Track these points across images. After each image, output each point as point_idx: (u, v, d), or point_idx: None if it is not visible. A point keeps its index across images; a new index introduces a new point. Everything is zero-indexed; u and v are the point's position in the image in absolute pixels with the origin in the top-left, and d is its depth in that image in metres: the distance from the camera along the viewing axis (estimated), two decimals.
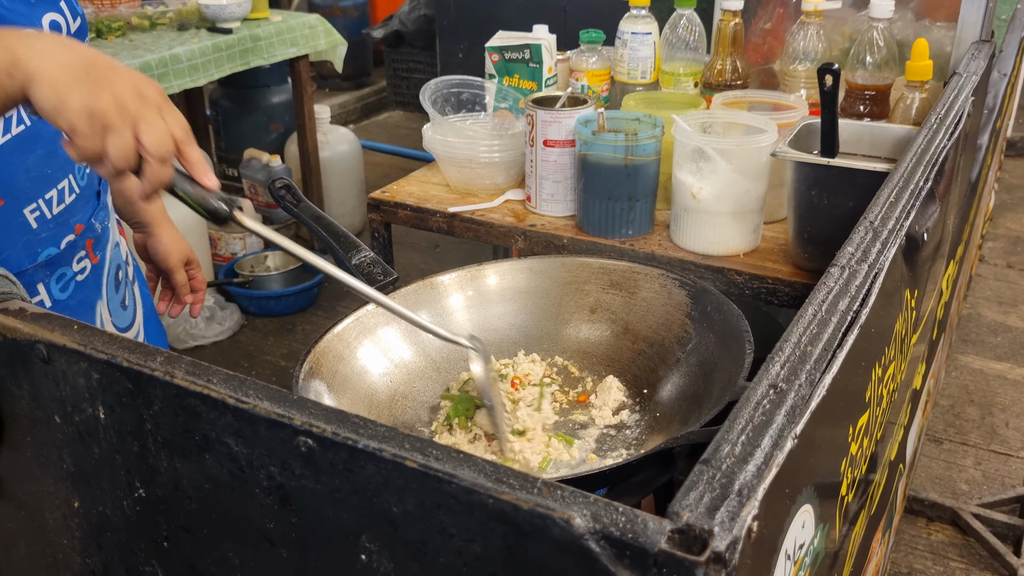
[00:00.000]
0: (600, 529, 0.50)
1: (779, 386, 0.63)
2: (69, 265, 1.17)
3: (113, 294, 1.27)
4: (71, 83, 0.79)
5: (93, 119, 0.79)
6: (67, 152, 0.81)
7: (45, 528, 0.80)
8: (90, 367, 0.68)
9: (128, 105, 0.80)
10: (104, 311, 1.24)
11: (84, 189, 1.17)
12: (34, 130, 1.06)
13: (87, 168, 1.17)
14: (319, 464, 0.59)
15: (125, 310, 1.32)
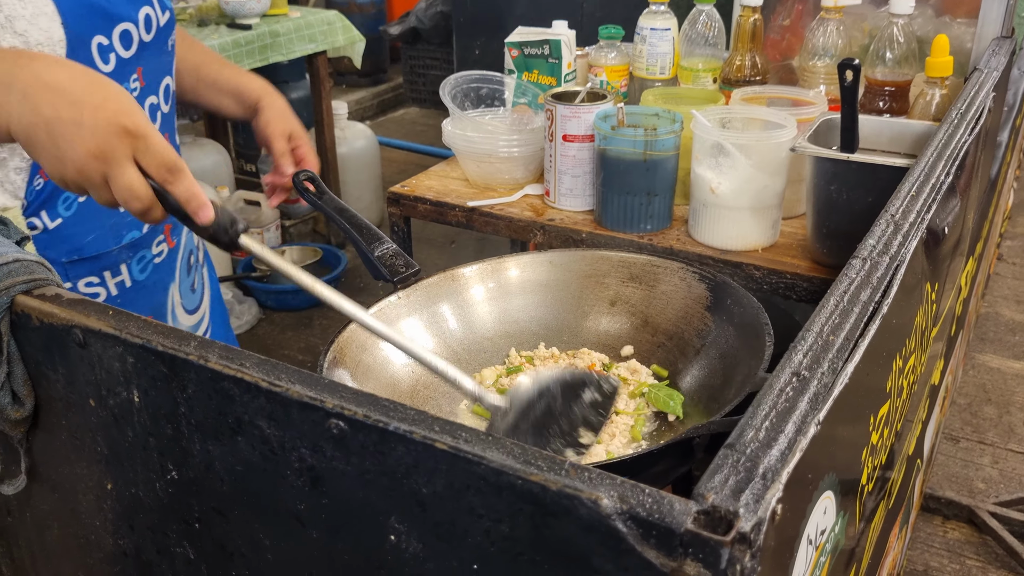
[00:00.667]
0: (627, 510, 0.51)
1: (802, 374, 0.63)
2: (149, 247, 1.25)
3: (184, 277, 1.35)
4: (37, 150, 0.81)
5: (68, 184, 0.82)
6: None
7: (78, 510, 0.82)
8: (125, 351, 0.69)
9: (90, 171, 0.80)
10: (175, 292, 1.33)
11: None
12: None
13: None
14: (350, 446, 0.60)
15: (194, 292, 1.39)
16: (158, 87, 1.22)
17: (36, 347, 0.76)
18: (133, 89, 1.16)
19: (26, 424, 0.79)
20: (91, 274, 1.19)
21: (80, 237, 1.16)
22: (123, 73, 1.14)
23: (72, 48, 1.06)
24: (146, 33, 1.17)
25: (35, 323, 0.74)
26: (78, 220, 1.15)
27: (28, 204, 1.11)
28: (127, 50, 1.14)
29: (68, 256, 1.16)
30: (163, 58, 1.23)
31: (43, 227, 1.13)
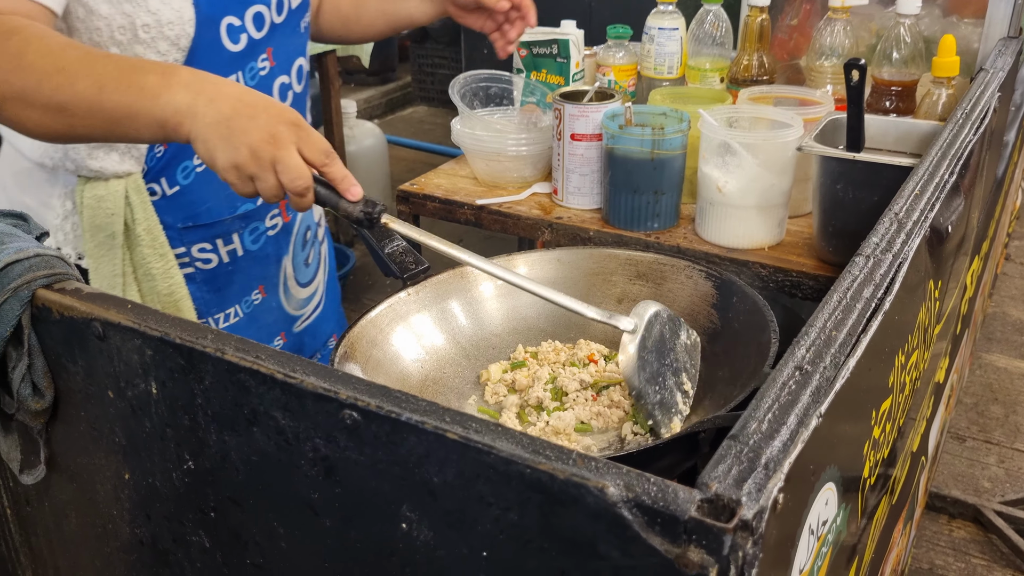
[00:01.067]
0: (632, 498, 0.53)
1: (804, 368, 0.65)
2: (263, 220, 1.31)
3: (299, 251, 1.41)
4: (216, 143, 0.91)
5: (238, 172, 0.92)
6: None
7: (96, 499, 0.84)
8: (144, 344, 0.71)
9: (262, 153, 0.91)
10: (288, 265, 1.39)
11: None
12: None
13: None
14: (363, 436, 0.62)
15: (308, 267, 1.45)
16: (290, 67, 1.28)
17: (56, 340, 0.78)
18: (262, 68, 1.22)
19: (46, 415, 0.81)
20: (204, 240, 1.25)
21: (196, 205, 1.22)
22: (253, 53, 1.20)
23: (200, 27, 1.12)
24: (277, 15, 1.22)
25: (55, 316, 0.76)
26: (195, 188, 1.21)
27: (148, 170, 1.18)
28: (259, 31, 1.20)
29: (183, 222, 1.22)
30: (295, 39, 1.29)
31: (162, 193, 1.20)
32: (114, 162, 1.16)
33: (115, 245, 1.17)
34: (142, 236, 1.17)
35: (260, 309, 1.36)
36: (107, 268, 1.18)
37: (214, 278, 1.29)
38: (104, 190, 1.15)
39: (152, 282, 1.20)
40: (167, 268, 1.20)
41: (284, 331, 1.42)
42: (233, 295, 1.32)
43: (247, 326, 1.35)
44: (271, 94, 1.25)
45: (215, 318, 1.31)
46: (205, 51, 1.14)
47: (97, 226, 1.16)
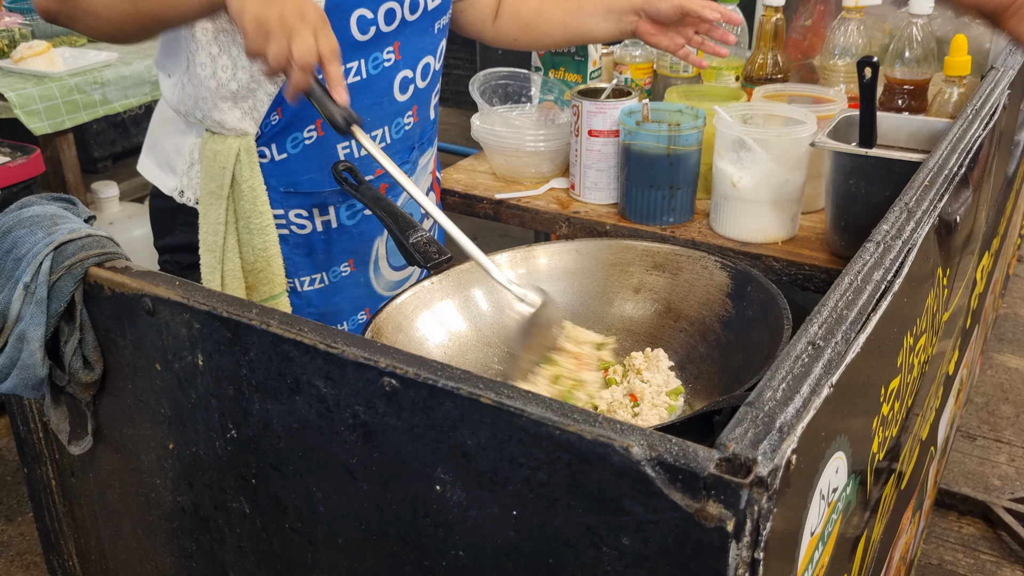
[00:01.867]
0: (655, 456, 0.57)
1: (817, 343, 0.69)
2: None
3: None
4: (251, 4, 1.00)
5: (259, 26, 0.99)
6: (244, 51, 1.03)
7: (140, 469, 0.89)
8: (192, 317, 0.75)
9: (288, 20, 0.99)
10: (382, 246, 1.46)
11: (396, 143, 1.39)
12: (366, 83, 1.29)
13: (406, 127, 1.39)
14: (401, 402, 0.66)
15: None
16: (415, 63, 1.35)
17: (107, 315, 0.83)
18: (386, 60, 1.30)
19: (94, 388, 0.86)
20: (302, 207, 1.35)
21: (299, 173, 1.32)
22: (378, 44, 1.27)
23: (328, 13, 1.16)
24: (410, 13, 1.29)
25: (107, 293, 0.81)
26: (300, 158, 1.31)
27: (262, 135, 1.28)
28: (388, 25, 1.27)
29: (285, 187, 1.33)
30: (426, 39, 1.35)
31: (270, 157, 1.30)
32: (235, 119, 1.26)
33: (222, 196, 1.28)
34: (245, 192, 1.28)
35: (347, 281, 1.44)
36: (213, 215, 1.29)
37: (306, 243, 1.38)
38: (221, 145, 1.26)
39: (249, 235, 1.31)
40: (264, 225, 1.31)
41: (369, 308, 1.48)
42: (322, 262, 1.40)
43: (331, 294, 1.43)
44: (392, 85, 1.33)
45: (301, 280, 1.40)
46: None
47: (211, 176, 1.27)
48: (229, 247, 1.30)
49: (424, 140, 1.48)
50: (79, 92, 2.76)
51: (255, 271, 1.35)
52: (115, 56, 2.89)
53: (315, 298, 1.43)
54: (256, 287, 1.36)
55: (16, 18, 3.13)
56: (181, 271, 1.42)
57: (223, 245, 1.30)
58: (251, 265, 1.33)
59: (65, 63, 2.81)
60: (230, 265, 1.32)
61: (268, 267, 1.33)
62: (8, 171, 2.64)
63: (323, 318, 1.45)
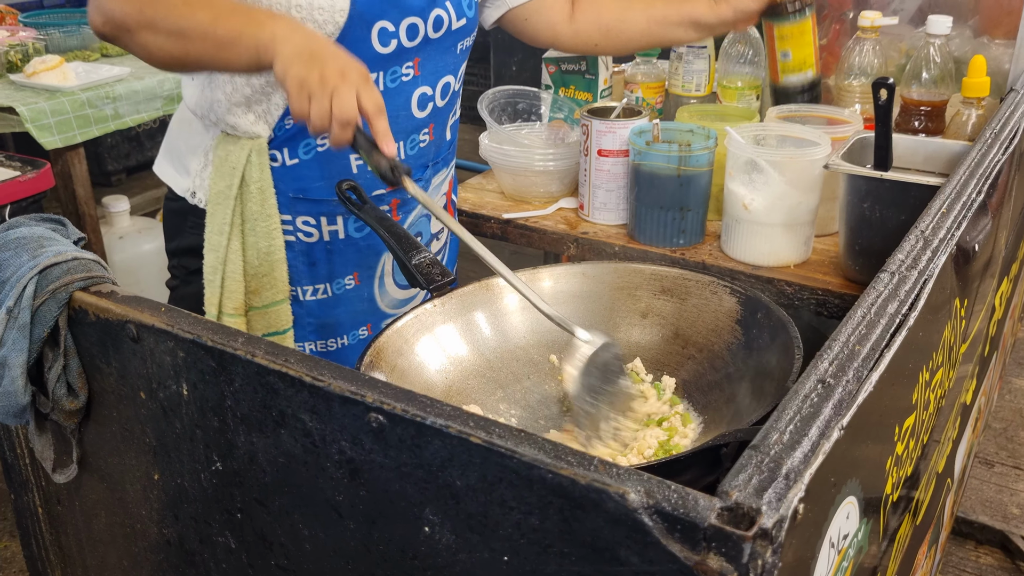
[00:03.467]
0: (653, 504, 0.53)
1: (827, 381, 0.65)
2: None
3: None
4: (294, 61, 1.03)
5: (301, 87, 1.01)
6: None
7: (125, 499, 0.86)
8: (176, 346, 0.73)
9: (329, 80, 1.01)
10: (388, 263, 1.45)
11: (410, 159, 1.39)
12: (383, 95, 1.23)
13: (421, 144, 1.39)
14: (388, 439, 0.63)
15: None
16: (435, 81, 1.36)
17: (91, 341, 0.80)
18: (405, 75, 1.30)
19: (79, 415, 0.83)
20: (309, 214, 1.34)
21: (309, 180, 1.32)
22: (398, 58, 1.28)
23: (351, 23, 1.20)
24: (433, 31, 1.30)
25: (91, 318, 0.78)
26: (312, 165, 1.31)
27: (275, 137, 1.29)
28: (411, 41, 1.28)
29: (295, 192, 1.32)
30: (447, 58, 1.36)
31: (282, 161, 1.31)
32: (249, 122, 1.27)
33: (230, 196, 1.28)
34: (254, 193, 1.28)
35: (350, 295, 1.42)
36: (220, 216, 1.28)
37: (311, 251, 1.37)
38: (234, 146, 1.27)
39: (255, 237, 1.31)
40: (270, 228, 1.30)
41: (371, 323, 1.47)
42: (326, 273, 1.39)
43: (333, 306, 1.41)
44: (410, 100, 1.33)
45: (303, 289, 1.38)
46: (352, 44, 1.20)
47: (221, 175, 1.28)
48: (233, 249, 1.30)
49: (439, 160, 1.47)
50: (91, 107, 2.76)
51: (258, 275, 1.33)
52: (127, 71, 2.89)
53: (316, 309, 1.41)
54: (258, 292, 1.34)
55: (31, 32, 3.14)
56: (187, 275, 1.42)
57: (227, 246, 1.29)
58: (255, 269, 1.33)
59: (77, 77, 2.81)
60: (232, 267, 1.31)
61: (272, 272, 1.32)
62: (17, 185, 2.63)
63: (323, 330, 1.44)
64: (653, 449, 1.09)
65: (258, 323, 1.36)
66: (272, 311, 1.36)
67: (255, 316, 1.36)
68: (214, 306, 1.32)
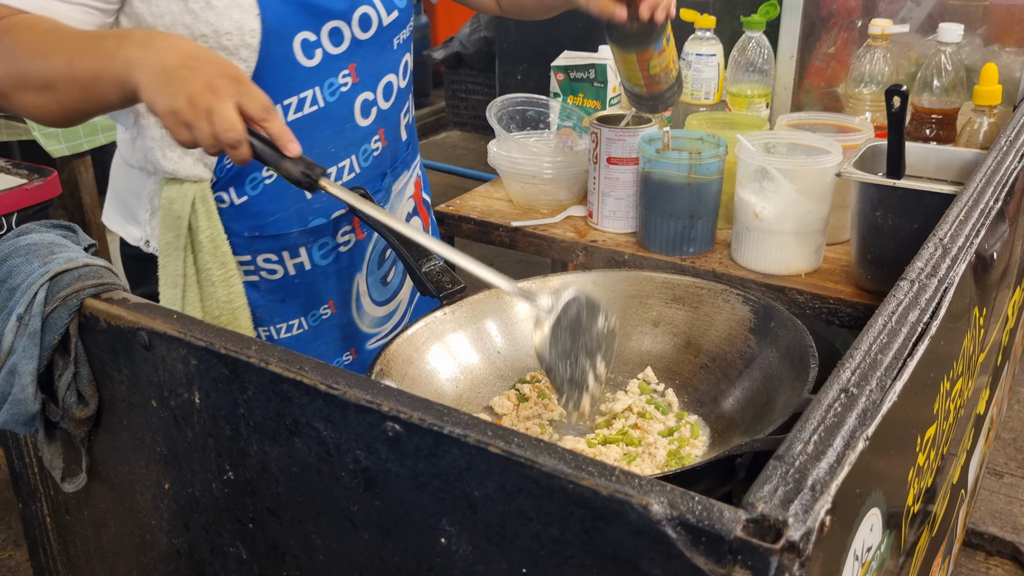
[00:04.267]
0: (677, 516, 0.52)
1: (850, 391, 0.64)
2: (333, 236, 1.30)
3: (375, 269, 1.40)
4: (158, 89, 0.93)
5: (175, 117, 0.92)
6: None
7: (135, 509, 0.85)
8: (189, 353, 0.72)
9: (199, 101, 0.91)
10: (362, 282, 1.38)
11: (366, 171, 1.30)
12: (325, 111, 1.21)
13: (375, 152, 1.31)
14: (404, 448, 0.62)
15: (387, 286, 1.44)
16: (375, 85, 1.27)
17: (102, 349, 0.79)
18: (343, 84, 1.22)
19: (89, 424, 0.82)
20: (269, 251, 1.26)
21: (264, 216, 1.23)
22: (330, 68, 1.19)
23: (267, 41, 1.12)
24: (361, 31, 1.21)
25: (102, 325, 0.78)
26: (263, 199, 1.23)
27: (218, 180, 1.20)
28: (336, 47, 1.19)
29: (250, 231, 1.24)
30: (385, 56, 1.27)
31: (230, 202, 1.22)
32: (187, 165, 1.18)
33: (179, 247, 1.20)
34: (204, 243, 1.20)
35: (328, 324, 1.36)
36: (172, 267, 1.21)
37: (279, 288, 1.29)
38: (176, 193, 1.19)
39: (212, 287, 1.22)
40: (227, 276, 1.22)
41: (354, 347, 1.41)
42: (298, 307, 1.32)
43: (312, 339, 1.34)
44: (353, 110, 1.25)
45: (277, 327, 1.31)
46: (277, 65, 1.14)
47: (167, 226, 1.20)
48: (190, 301, 1.21)
49: (397, 164, 1.40)
50: None
51: (220, 325, 1.22)
52: None
53: (294, 345, 1.33)
54: None
55: None
56: None
57: (183, 298, 1.21)
58: (216, 320, 1.23)
59: None
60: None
61: (234, 320, 1.23)
62: (24, 193, 2.63)
63: None
64: (664, 460, 1.07)
65: None
66: None
67: None
68: None
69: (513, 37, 4.40)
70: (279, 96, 1.15)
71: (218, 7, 1.09)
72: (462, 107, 5.97)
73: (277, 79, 1.13)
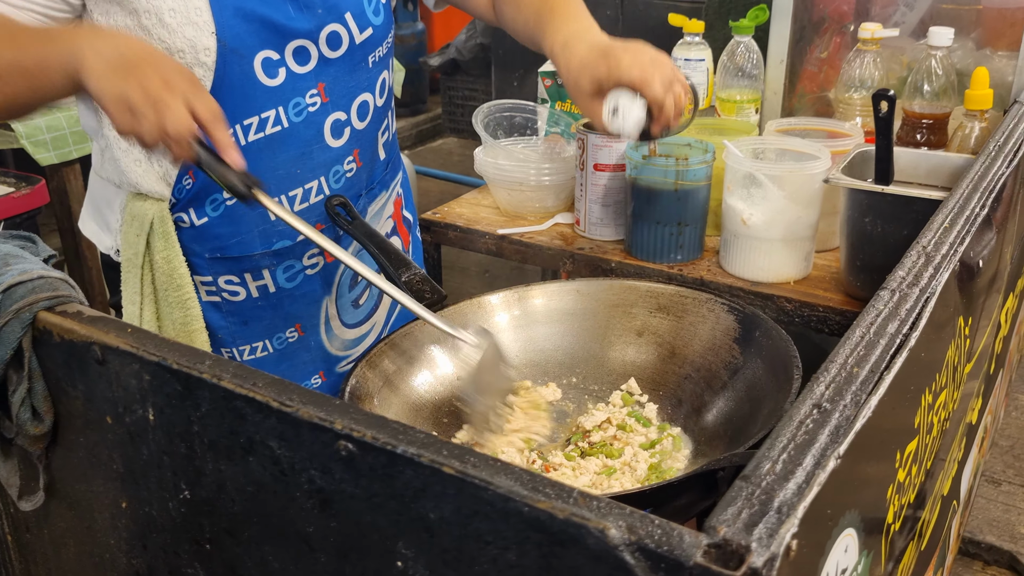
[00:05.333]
0: (635, 541, 0.50)
1: (823, 406, 0.62)
2: (299, 259, 1.27)
3: (345, 292, 1.36)
4: (108, 75, 0.91)
5: (122, 104, 0.90)
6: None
7: (94, 528, 0.82)
8: (142, 368, 0.70)
9: (152, 92, 0.90)
10: (331, 306, 1.34)
11: (338, 192, 1.26)
12: (289, 132, 1.17)
13: (348, 174, 1.27)
14: (359, 468, 0.60)
15: (358, 308, 1.40)
16: (348, 105, 1.22)
17: (57, 363, 0.77)
18: (311, 104, 1.18)
19: (45, 440, 0.80)
20: (231, 273, 1.23)
21: (225, 237, 1.20)
22: (295, 88, 1.15)
23: (224, 61, 1.08)
24: (330, 50, 1.17)
25: (56, 339, 0.75)
26: (224, 221, 1.20)
27: (177, 201, 1.17)
28: (301, 66, 1.15)
29: (211, 253, 1.21)
30: (358, 75, 1.23)
31: (190, 223, 1.19)
32: (151, 181, 1.16)
33: (138, 264, 1.18)
34: (160, 264, 1.17)
35: (295, 347, 1.32)
36: (131, 285, 1.19)
37: (241, 311, 1.26)
38: (138, 210, 1.17)
39: (169, 308, 1.19)
40: (183, 299, 1.19)
41: (323, 370, 1.37)
42: (262, 330, 1.28)
43: (277, 362, 1.31)
44: (323, 131, 1.21)
45: (240, 349, 1.28)
46: (235, 83, 1.11)
47: (127, 243, 1.18)
48: (146, 319, 1.19)
49: (375, 184, 1.35)
50: None
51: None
52: None
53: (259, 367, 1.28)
54: None
55: None
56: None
57: (140, 316, 1.19)
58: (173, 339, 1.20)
59: None
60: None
61: (190, 343, 1.18)
62: (11, 201, 2.62)
63: None
64: (644, 473, 1.05)
65: None
66: None
67: None
68: None
69: (509, 44, 4.38)
70: (238, 115, 1.12)
71: (170, 24, 1.06)
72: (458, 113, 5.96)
73: (235, 98, 1.10)
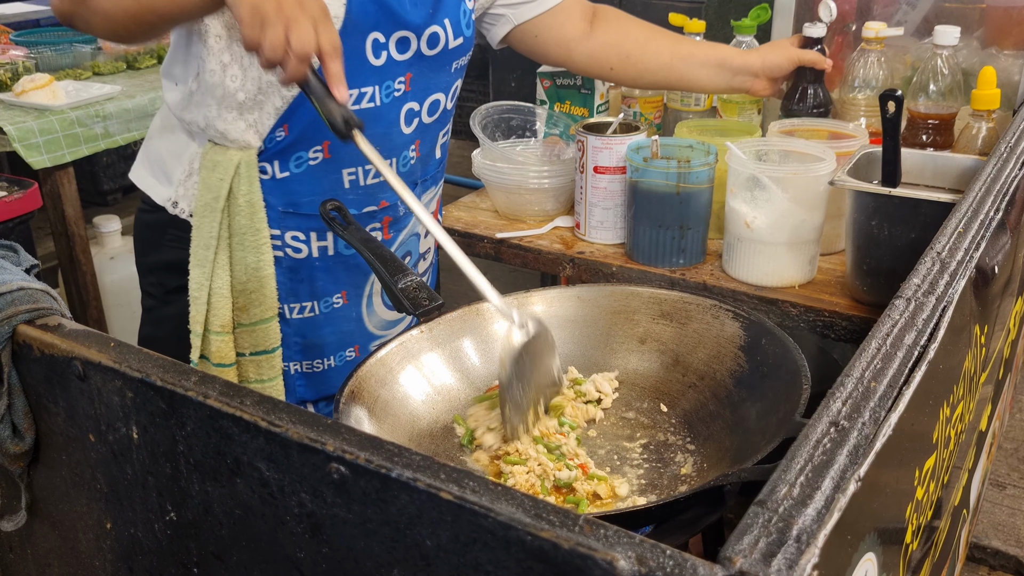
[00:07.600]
0: (645, 573, 0.47)
1: (841, 424, 0.59)
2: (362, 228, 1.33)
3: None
4: None
5: (255, 13, 0.96)
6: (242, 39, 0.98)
7: (78, 549, 0.79)
8: (124, 385, 0.66)
9: (285, 8, 0.96)
10: (377, 283, 1.39)
11: (403, 176, 1.34)
12: (379, 111, 1.26)
13: (411, 161, 1.35)
14: (351, 492, 0.57)
15: None
16: (424, 98, 1.32)
17: (37, 379, 0.74)
18: (397, 89, 1.27)
19: (26, 458, 0.77)
20: (299, 229, 1.29)
21: (300, 194, 1.27)
22: (390, 72, 1.24)
23: (345, 31, 1.16)
24: (428, 48, 1.27)
25: (36, 354, 0.72)
26: (303, 179, 1.26)
27: (265, 150, 1.24)
28: (400, 54, 1.24)
29: (284, 207, 1.27)
30: (440, 76, 1.32)
31: (272, 174, 1.26)
32: (239, 130, 1.22)
33: (217, 208, 1.22)
34: (242, 207, 1.23)
35: (338, 314, 1.37)
36: (207, 229, 1.23)
37: (299, 268, 1.31)
38: (222, 156, 1.22)
39: (243, 252, 1.25)
40: (259, 243, 1.25)
41: (359, 344, 1.42)
42: (313, 291, 1.34)
43: (323, 324, 1.36)
44: (397, 116, 1.29)
45: (290, 306, 1.33)
46: (349, 55, 1.16)
47: (208, 187, 1.23)
48: (220, 263, 1.24)
49: (427, 178, 1.43)
50: (80, 125, 2.70)
51: (246, 291, 1.27)
52: (118, 89, 2.84)
53: (302, 328, 1.36)
54: (246, 308, 1.28)
55: (21, 51, 3.09)
56: (165, 294, 1.35)
57: (214, 260, 1.24)
58: (243, 285, 1.27)
59: (67, 96, 2.76)
60: (219, 283, 1.25)
61: (260, 288, 1.27)
62: (4, 205, 2.58)
63: (309, 350, 1.38)
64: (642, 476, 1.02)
65: (245, 341, 1.30)
66: (260, 329, 1.30)
67: (242, 334, 1.30)
68: (200, 324, 1.26)
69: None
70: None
71: None
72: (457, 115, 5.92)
73: (346, 69, 1.15)
